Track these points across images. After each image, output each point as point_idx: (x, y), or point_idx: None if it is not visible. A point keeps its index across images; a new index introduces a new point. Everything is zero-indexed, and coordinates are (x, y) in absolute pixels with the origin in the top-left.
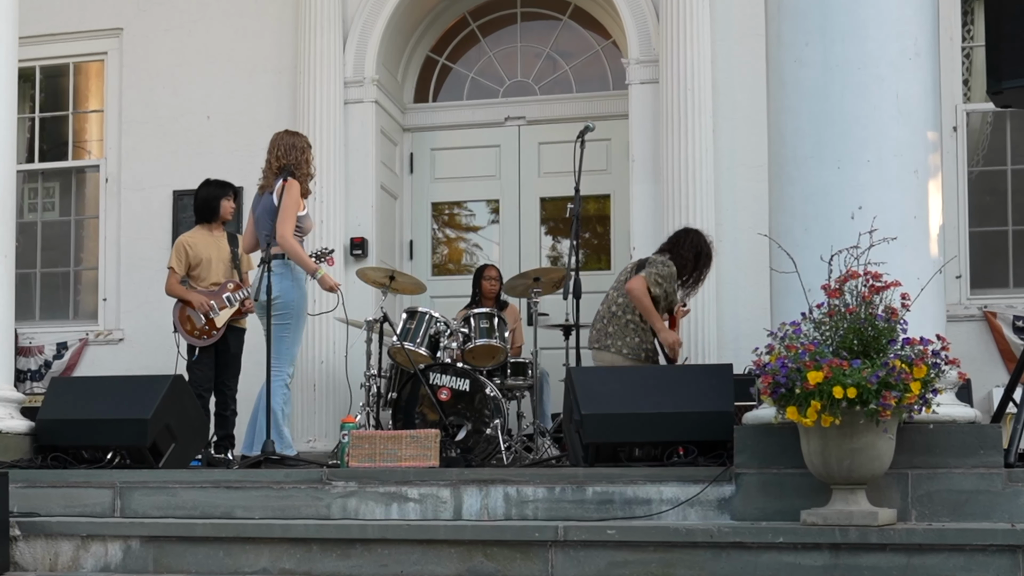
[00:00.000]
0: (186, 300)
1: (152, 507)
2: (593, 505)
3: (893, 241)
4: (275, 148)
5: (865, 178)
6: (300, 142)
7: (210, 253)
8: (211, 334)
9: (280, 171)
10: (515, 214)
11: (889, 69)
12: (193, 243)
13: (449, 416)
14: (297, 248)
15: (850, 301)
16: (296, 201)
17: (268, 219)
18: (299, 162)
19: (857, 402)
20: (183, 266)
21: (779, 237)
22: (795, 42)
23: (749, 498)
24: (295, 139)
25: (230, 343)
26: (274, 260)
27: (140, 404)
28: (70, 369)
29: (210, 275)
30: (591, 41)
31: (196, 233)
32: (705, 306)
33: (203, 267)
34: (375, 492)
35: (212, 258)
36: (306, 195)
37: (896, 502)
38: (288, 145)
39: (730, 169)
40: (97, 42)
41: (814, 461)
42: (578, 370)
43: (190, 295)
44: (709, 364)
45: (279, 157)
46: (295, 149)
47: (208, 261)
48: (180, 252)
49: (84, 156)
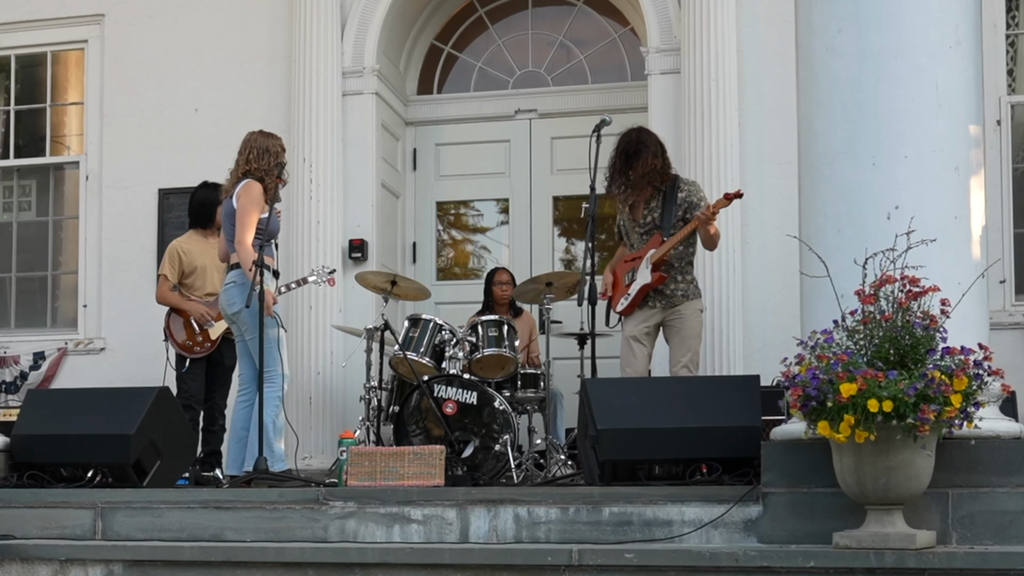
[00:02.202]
0: (181, 309)
1: (136, 529)
2: (610, 527)
3: (932, 243)
4: (247, 150)
5: (902, 175)
6: (275, 146)
7: (205, 261)
8: (204, 346)
9: (245, 175)
10: (526, 214)
11: (928, 58)
12: (187, 249)
13: (455, 431)
14: (250, 253)
15: (886, 307)
16: (254, 202)
17: (230, 225)
18: (270, 167)
19: (893, 416)
20: (176, 273)
21: (810, 239)
22: (827, 29)
23: (778, 519)
24: (269, 142)
25: (224, 356)
26: (233, 270)
27: (123, 418)
28: (48, 381)
29: (204, 284)
30: (608, 28)
31: (190, 238)
32: (730, 313)
33: (197, 275)
34: (375, 513)
35: (207, 266)
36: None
37: (935, 524)
38: (261, 149)
39: (757, 166)
40: (77, 29)
41: (847, 480)
42: (593, 382)
43: (186, 304)
44: (734, 375)
45: (249, 160)
46: (268, 154)
47: (203, 269)
48: (173, 258)
49: (63, 152)
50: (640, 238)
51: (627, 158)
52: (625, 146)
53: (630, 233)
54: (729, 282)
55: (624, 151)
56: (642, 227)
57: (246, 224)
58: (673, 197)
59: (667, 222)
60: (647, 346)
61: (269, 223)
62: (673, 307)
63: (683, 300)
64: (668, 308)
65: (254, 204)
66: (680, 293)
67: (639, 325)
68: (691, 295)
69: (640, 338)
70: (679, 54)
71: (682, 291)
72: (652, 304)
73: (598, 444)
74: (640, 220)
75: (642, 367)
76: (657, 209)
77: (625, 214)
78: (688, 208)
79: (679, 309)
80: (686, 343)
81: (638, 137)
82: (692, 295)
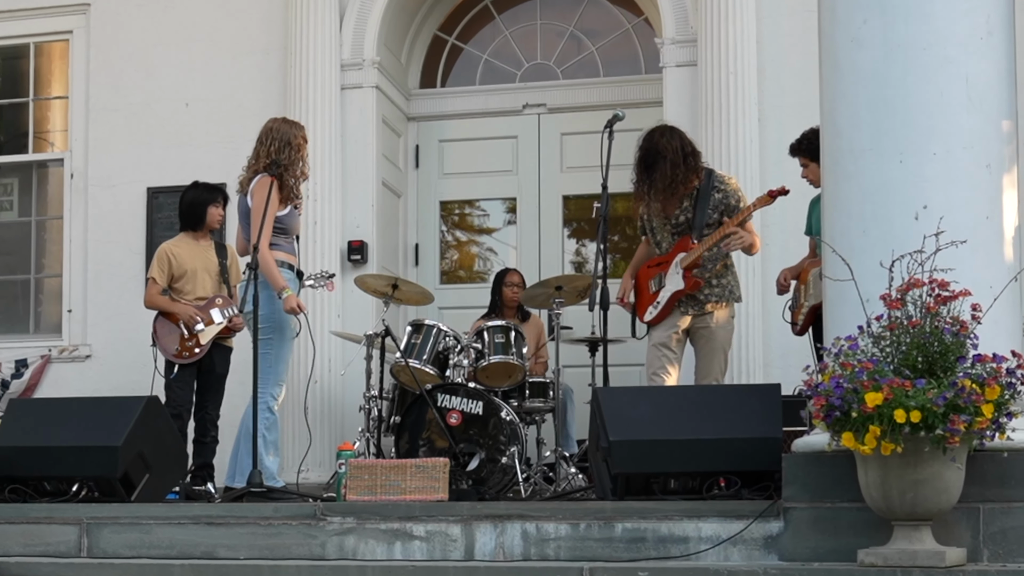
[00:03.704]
0: (170, 313)
1: (123, 546)
2: (623, 544)
3: (962, 244)
4: (268, 139)
5: (931, 173)
6: (297, 136)
7: (195, 264)
8: (194, 352)
9: (266, 168)
10: (534, 214)
11: (958, 50)
12: (177, 252)
13: (460, 443)
14: (269, 259)
15: (913, 313)
16: (266, 199)
17: (246, 223)
18: (292, 160)
19: (921, 427)
20: (166, 277)
21: (833, 240)
22: (852, 19)
23: (799, 536)
24: (293, 131)
25: (215, 363)
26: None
27: (110, 429)
28: (30, 390)
29: (195, 288)
30: (620, 18)
31: (180, 241)
32: (750, 318)
33: (187, 279)
34: (376, 529)
35: (197, 269)
36: (288, 200)
37: (966, 540)
38: (284, 139)
39: (777, 163)
40: (61, 19)
41: (873, 494)
42: (606, 391)
43: (175, 307)
44: (754, 384)
45: (271, 152)
46: (290, 146)
47: (193, 272)
48: (163, 261)
49: (46, 149)
50: (671, 237)
51: (645, 167)
52: (643, 155)
53: (659, 231)
54: (749, 285)
55: (642, 160)
56: (674, 226)
57: (261, 224)
58: (707, 197)
59: (699, 223)
60: (677, 353)
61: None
62: (703, 313)
63: (717, 305)
64: (698, 314)
65: (270, 202)
66: (714, 298)
67: (667, 331)
68: (725, 298)
69: (670, 345)
70: (696, 45)
71: (716, 295)
72: (683, 309)
73: (610, 456)
74: (672, 218)
75: (672, 378)
76: (690, 210)
77: (655, 208)
78: (725, 211)
79: (711, 316)
80: (716, 355)
81: (654, 146)
82: (726, 298)
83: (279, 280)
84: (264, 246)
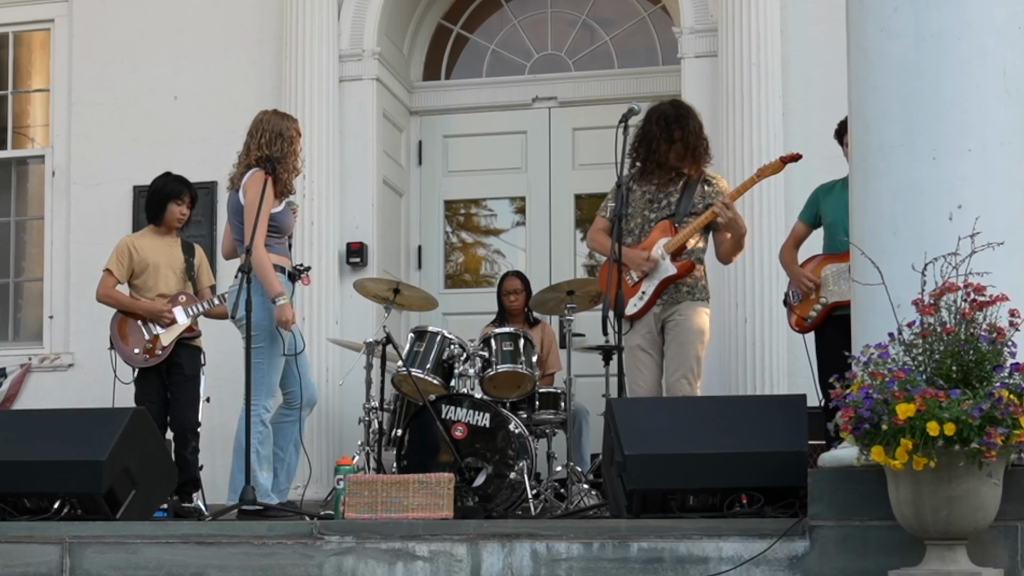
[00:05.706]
0: (128, 311)
1: (108, 566)
2: (638, 564)
3: (999, 246)
4: (259, 132)
5: (965, 171)
6: (291, 129)
7: (158, 259)
8: (155, 354)
9: (257, 163)
10: (544, 214)
11: (995, 40)
12: (139, 245)
13: (466, 457)
14: (265, 261)
15: (947, 319)
16: (259, 195)
17: (238, 222)
18: (284, 154)
19: (956, 440)
20: (124, 271)
21: (862, 242)
22: (882, 8)
23: (826, 556)
24: (285, 123)
25: (184, 365)
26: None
27: (94, 443)
28: (9, 401)
29: (157, 284)
30: (636, 6)
31: (144, 235)
32: (772, 323)
33: (149, 274)
34: (376, 549)
35: (160, 265)
36: (282, 194)
37: (1003, 561)
38: (276, 132)
39: (803, 160)
40: (42, 7)
41: (904, 511)
42: (620, 402)
43: (137, 305)
44: (778, 395)
45: (262, 146)
46: (282, 138)
47: (155, 268)
48: (122, 253)
49: (26, 145)
50: (645, 224)
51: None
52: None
53: (636, 214)
54: (770, 289)
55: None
56: (655, 210)
57: (256, 223)
58: (696, 187)
59: (683, 210)
60: (654, 355)
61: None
62: (674, 303)
63: (686, 297)
64: (668, 306)
65: (264, 199)
66: (685, 290)
67: (641, 331)
68: (696, 296)
69: (645, 347)
70: (716, 35)
71: (687, 288)
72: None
73: (625, 471)
74: (656, 201)
75: (651, 382)
76: (675, 194)
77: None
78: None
79: (679, 307)
80: (684, 348)
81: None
82: (698, 296)
83: (275, 285)
84: (259, 245)
